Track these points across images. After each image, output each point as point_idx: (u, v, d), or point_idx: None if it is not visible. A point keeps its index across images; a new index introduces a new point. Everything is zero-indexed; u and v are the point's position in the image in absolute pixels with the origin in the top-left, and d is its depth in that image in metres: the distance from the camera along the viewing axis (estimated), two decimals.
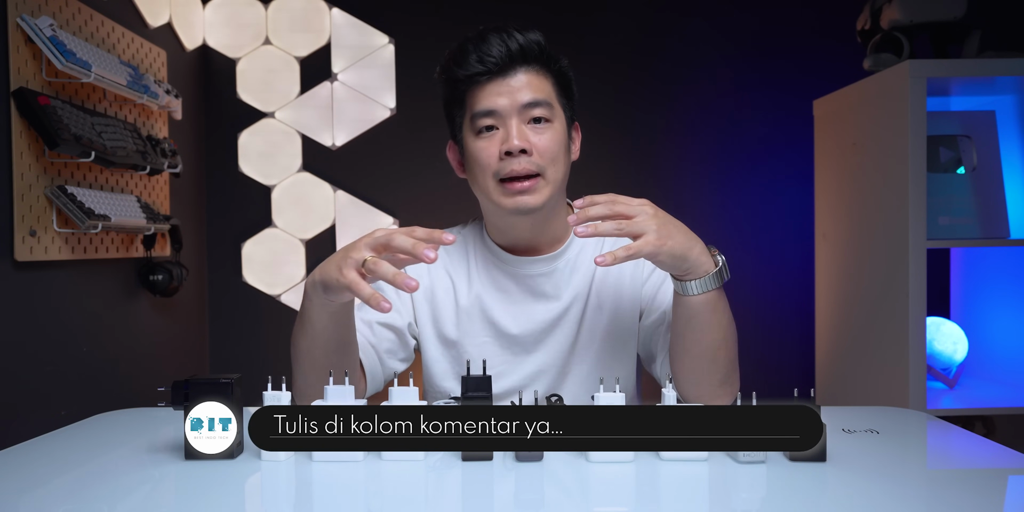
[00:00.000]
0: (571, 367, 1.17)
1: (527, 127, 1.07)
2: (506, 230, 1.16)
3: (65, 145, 1.50)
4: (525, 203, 1.07)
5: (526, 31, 1.08)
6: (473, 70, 1.07)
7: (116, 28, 1.85)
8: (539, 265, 1.17)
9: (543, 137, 1.08)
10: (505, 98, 1.07)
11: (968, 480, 0.83)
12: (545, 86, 1.09)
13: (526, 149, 1.06)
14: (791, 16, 2.45)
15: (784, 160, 2.44)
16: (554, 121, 1.09)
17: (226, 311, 2.44)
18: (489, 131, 1.08)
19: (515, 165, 1.06)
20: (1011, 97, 1.98)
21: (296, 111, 2.43)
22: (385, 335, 1.16)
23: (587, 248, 1.19)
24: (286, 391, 0.88)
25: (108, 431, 1.06)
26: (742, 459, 0.84)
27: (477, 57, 1.07)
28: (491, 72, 1.07)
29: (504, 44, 1.06)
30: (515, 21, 1.13)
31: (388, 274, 0.88)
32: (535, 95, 1.07)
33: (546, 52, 1.10)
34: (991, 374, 2.06)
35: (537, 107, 1.07)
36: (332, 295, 0.95)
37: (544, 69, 1.10)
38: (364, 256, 0.90)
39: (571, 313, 1.17)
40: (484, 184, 1.10)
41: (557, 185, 1.10)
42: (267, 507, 0.79)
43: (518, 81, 1.07)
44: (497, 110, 1.07)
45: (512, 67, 1.07)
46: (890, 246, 1.82)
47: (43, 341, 1.59)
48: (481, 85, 1.08)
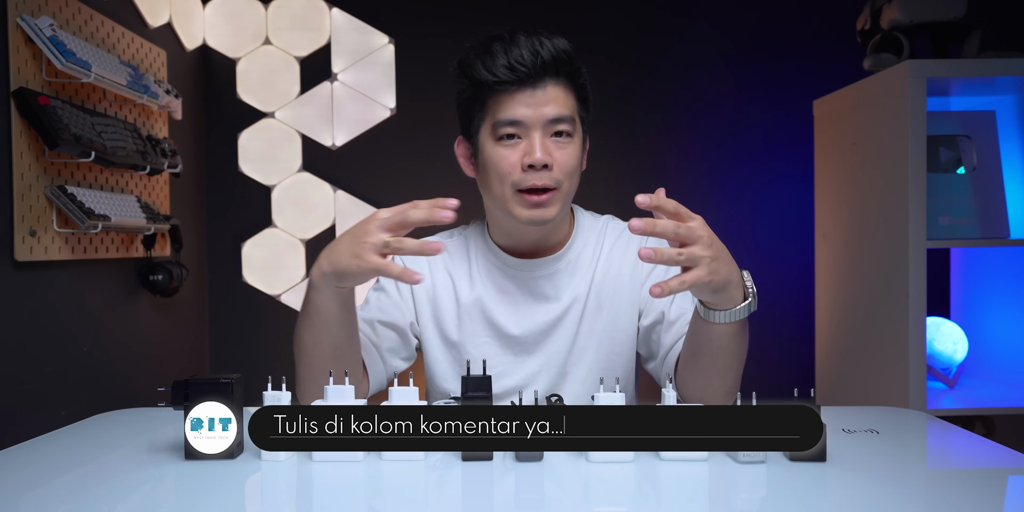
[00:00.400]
0: (571, 367, 1.18)
1: (549, 141, 1.07)
2: (513, 234, 1.16)
3: (65, 145, 1.50)
4: (541, 216, 1.08)
5: (555, 38, 1.07)
6: (503, 77, 1.04)
7: (116, 28, 1.85)
8: (540, 267, 1.18)
9: (564, 152, 1.07)
10: (532, 110, 1.05)
11: (968, 480, 0.83)
12: (570, 101, 1.09)
13: (548, 164, 1.05)
14: (791, 16, 2.45)
15: (784, 160, 2.44)
16: (574, 136, 1.09)
17: (226, 311, 2.44)
18: (511, 139, 1.07)
19: (536, 179, 1.06)
20: (1011, 97, 1.98)
21: (296, 111, 2.43)
22: (387, 334, 1.17)
23: (587, 249, 1.20)
24: (286, 391, 0.88)
25: (108, 431, 1.06)
26: (742, 459, 0.84)
27: (507, 63, 1.04)
28: (521, 81, 1.05)
29: (536, 53, 1.04)
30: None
31: (415, 247, 0.90)
32: (561, 111, 1.06)
33: (574, 63, 1.08)
34: (991, 374, 2.06)
35: (562, 123, 1.07)
36: (348, 281, 0.95)
37: (570, 83, 1.09)
38: (381, 239, 0.91)
39: (571, 314, 1.17)
40: (500, 192, 1.09)
41: (569, 198, 1.11)
42: (267, 507, 0.79)
43: (546, 94, 1.06)
44: (523, 121, 1.06)
45: (542, 78, 1.05)
46: (890, 246, 1.82)
47: (43, 341, 1.59)
48: (508, 93, 1.06)
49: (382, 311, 1.17)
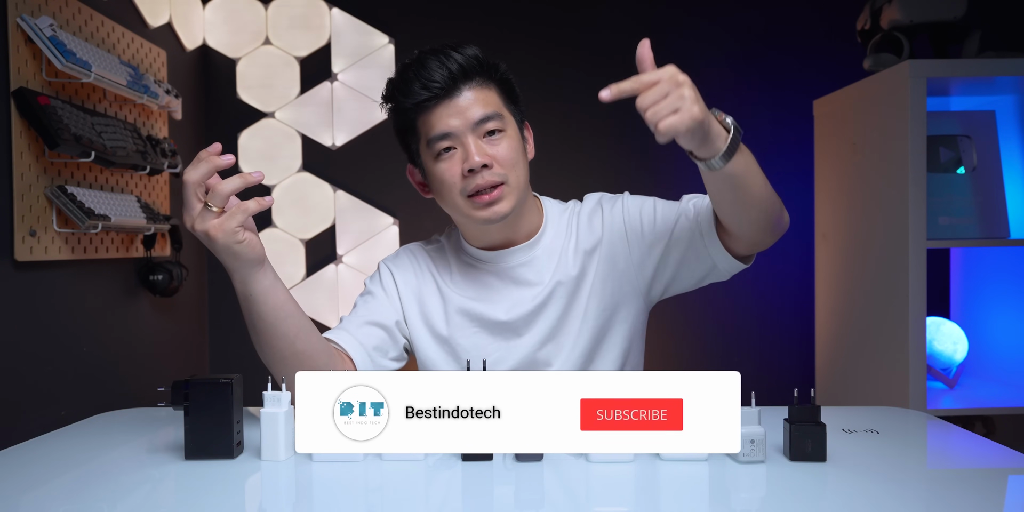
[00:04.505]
0: (565, 341, 1.19)
1: (483, 141, 1.10)
2: (482, 236, 1.20)
3: (65, 145, 1.50)
4: (496, 213, 1.11)
5: (462, 48, 1.11)
6: (419, 97, 1.09)
7: (116, 28, 1.85)
8: (517, 256, 1.20)
9: (500, 148, 1.11)
10: (456, 118, 1.09)
11: (968, 480, 0.83)
12: (492, 98, 1.12)
13: (487, 164, 1.09)
14: (792, 15, 2.45)
15: (784, 160, 2.44)
16: (507, 129, 1.12)
17: (226, 311, 2.44)
18: (448, 152, 1.11)
19: (479, 180, 1.09)
20: (1011, 97, 1.98)
21: (296, 111, 2.43)
22: (373, 332, 1.18)
23: (560, 232, 1.21)
24: (286, 391, 0.88)
25: (108, 431, 1.06)
26: (742, 459, 0.84)
27: (421, 84, 1.09)
28: (437, 96, 1.09)
29: (444, 66, 1.09)
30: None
31: (231, 186, 0.93)
32: (485, 110, 1.10)
33: (485, 64, 1.12)
34: (991, 374, 2.06)
35: (489, 121, 1.10)
36: (229, 253, 0.96)
37: (487, 80, 1.13)
38: (198, 207, 0.93)
39: (557, 292, 1.19)
40: (453, 202, 1.13)
41: (521, 188, 1.13)
42: (267, 507, 0.79)
43: (465, 99, 1.10)
44: (452, 132, 1.10)
45: (456, 87, 1.10)
46: (890, 246, 1.82)
47: (43, 341, 1.59)
48: (430, 110, 1.10)
49: (368, 311, 1.20)
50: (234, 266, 0.98)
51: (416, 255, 1.26)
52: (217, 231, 0.93)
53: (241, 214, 0.94)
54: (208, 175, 0.94)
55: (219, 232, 0.93)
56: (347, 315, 1.22)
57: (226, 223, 0.93)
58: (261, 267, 1.01)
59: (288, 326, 1.03)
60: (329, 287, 2.39)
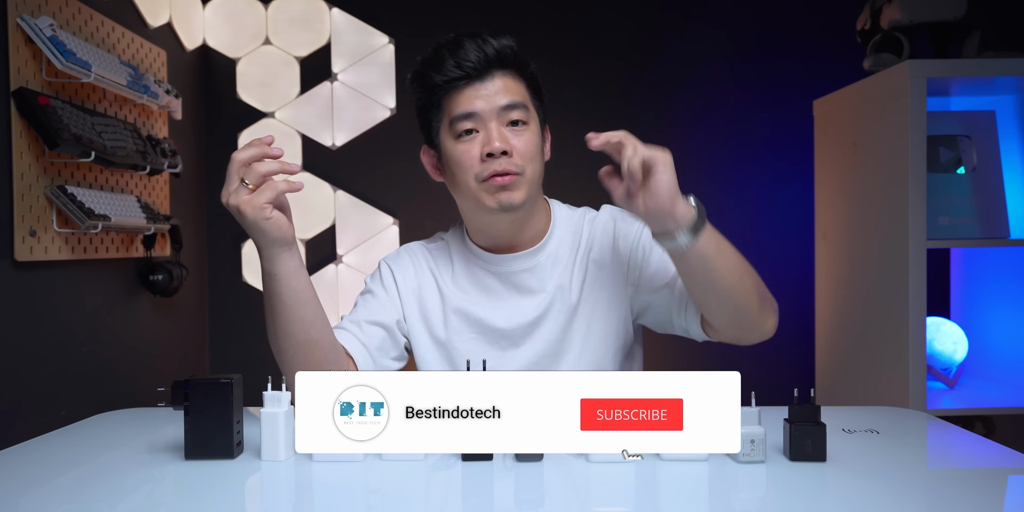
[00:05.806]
0: (564, 356, 1.18)
1: (506, 129, 1.10)
2: (487, 230, 1.18)
3: (65, 145, 1.50)
4: (509, 199, 1.10)
5: (499, 37, 1.12)
6: (451, 74, 1.10)
7: (116, 28, 1.85)
8: (521, 261, 1.19)
9: (521, 139, 1.11)
10: (484, 101, 1.10)
11: (968, 480, 0.83)
12: (520, 89, 1.13)
13: (507, 151, 1.09)
14: (791, 16, 2.45)
15: (784, 160, 2.44)
16: (530, 123, 1.13)
17: (226, 311, 2.44)
18: (469, 134, 1.11)
19: (496, 166, 1.09)
20: (1011, 97, 1.98)
21: (296, 111, 2.43)
22: (374, 332, 1.18)
23: (567, 239, 1.21)
24: (286, 391, 0.88)
25: (108, 431, 1.06)
26: (742, 459, 0.84)
27: (454, 62, 1.09)
28: (469, 77, 1.10)
29: (480, 50, 1.10)
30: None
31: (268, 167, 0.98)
32: (512, 98, 1.10)
33: (519, 57, 1.13)
34: (991, 374, 2.06)
35: (515, 110, 1.10)
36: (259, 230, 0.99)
37: (518, 73, 1.13)
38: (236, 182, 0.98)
39: (557, 304, 1.18)
40: (467, 185, 1.12)
41: (535, 184, 1.13)
42: (267, 507, 0.79)
43: (495, 85, 1.10)
44: (477, 113, 1.10)
45: (489, 71, 1.10)
46: (890, 246, 1.82)
47: (43, 341, 1.59)
48: (459, 89, 1.11)
49: (369, 310, 1.20)
50: (262, 243, 1.01)
51: (417, 254, 1.26)
52: (247, 206, 0.97)
53: (270, 191, 0.98)
54: (254, 158, 0.98)
55: (248, 207, 0.97)
56: (347, 314, 1.22)
57: (256, 199, 0.97)
58: (288, 249, 1.03)
59: (306, 312, 1.05)
60: (329, 287, 2.39)
